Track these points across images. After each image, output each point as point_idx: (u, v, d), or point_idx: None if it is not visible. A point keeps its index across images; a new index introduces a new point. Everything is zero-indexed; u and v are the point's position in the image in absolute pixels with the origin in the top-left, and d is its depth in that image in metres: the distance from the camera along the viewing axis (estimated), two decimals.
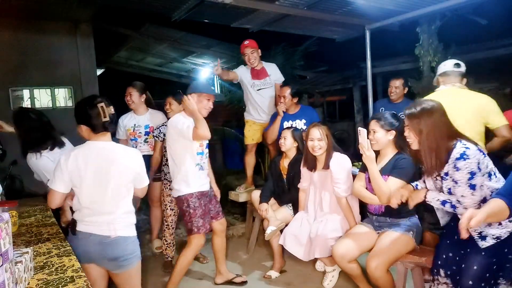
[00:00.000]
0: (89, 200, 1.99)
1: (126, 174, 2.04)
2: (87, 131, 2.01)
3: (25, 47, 6.05)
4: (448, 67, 2.88)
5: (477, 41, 6.23)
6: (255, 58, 3.97)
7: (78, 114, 2.02)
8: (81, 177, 1.96)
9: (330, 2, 3.96)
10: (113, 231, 1.98)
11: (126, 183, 2.04)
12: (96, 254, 1.98)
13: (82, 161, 1.97)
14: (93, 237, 1.98)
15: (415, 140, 2.13)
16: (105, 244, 1.98)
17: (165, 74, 11.64)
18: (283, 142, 3.41)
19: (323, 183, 3.11)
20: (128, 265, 2.03)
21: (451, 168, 2.00)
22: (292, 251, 3.08)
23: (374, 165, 2.43)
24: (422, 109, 2.09)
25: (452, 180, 2.01)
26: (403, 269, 2.54)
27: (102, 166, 1.98)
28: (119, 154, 2.04)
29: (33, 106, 6.26)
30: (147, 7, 4.75)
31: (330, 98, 10.01)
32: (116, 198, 2.01)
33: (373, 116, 2.67)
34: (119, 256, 1.99)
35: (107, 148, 2.03)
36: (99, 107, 1.97)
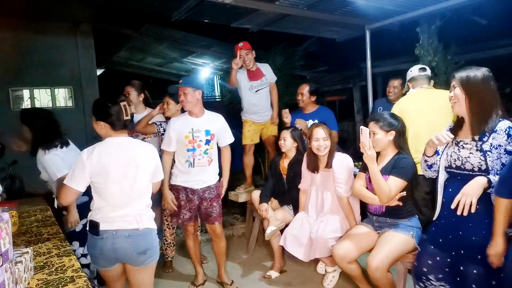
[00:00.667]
0: (115, 195, 1.99)
1: (148, 168, 2.09)
2: (106, 128, 2.03)
3: (25, 47, 6.04)
4: (414, 72, 3.13)
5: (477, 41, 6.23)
6: (250, 59, 3.95)
7: (100, 110, 2.03)
8: (106, 173, 1.96)
9: (330, 2, 3.96)
10: (140, 223, 2.01)
11: (148, 176, 2.10)
12: (125, 250, 1.97)
13: (105, 157, 1.97)
14: (120, 232, 1.97)
15: (462, 102, 2.01)
16: (135, 237, 1.99)
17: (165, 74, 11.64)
18: (282, 143, 3.40)
19: (325, 184, 3.10)
20: (154, 259, 2.08)
21: (503, 138, 1.91)
22: (293, 251, 3.08)
23: (375, 164, 2.43)
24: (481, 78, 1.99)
25: (505, 151, 1.91)
26: (403, 269, 2.54)
27: (126, 160, 2.00)
28: (139, 148, 2.09)
29: (33, 106, 6.25)
30: (147, 7, 4.75)
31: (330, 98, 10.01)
32: (141, 191, 2.06)
33: (372, 118, 2.65)
34: (148, 248, 2.02)
35: (127, 144, 2.06)
36: (122, 105, 2.02)
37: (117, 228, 1.98)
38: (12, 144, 2.90)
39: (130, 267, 2.04)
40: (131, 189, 2.01)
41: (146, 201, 2.09)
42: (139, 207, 2.04)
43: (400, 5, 3.99)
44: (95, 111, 2.06)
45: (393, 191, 2.45)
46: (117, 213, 1.99)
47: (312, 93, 3.75)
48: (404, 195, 2.49)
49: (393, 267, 2.53)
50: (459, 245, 2.02)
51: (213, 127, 2.95)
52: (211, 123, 2.96)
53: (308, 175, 3.24)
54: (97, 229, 1.97)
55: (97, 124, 2.04)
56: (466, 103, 2.00)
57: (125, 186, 1.99)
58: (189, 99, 2.83)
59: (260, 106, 4.11)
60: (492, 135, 1.94)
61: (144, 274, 2.08)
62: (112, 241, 1.96)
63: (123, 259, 2.01)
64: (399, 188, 2.47)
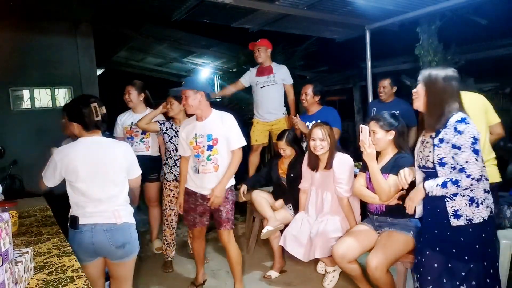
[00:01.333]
0: (89, 193, 2.07)
1: (121, 163, 2.16)
2: (79, 129, 2.12)
3: (25, 47, 6.04)
4: None
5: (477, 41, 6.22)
6: (261, 56, 4.03)
7: (72, 112, 2.14)
8: (77, 172, 2.06)
9: (330, 2, 3.95)
10: (118, 218, 2.09)
11: (121, 173, 2.17)
12: (103, 243, 2.05)
13: (76, 156, 2.07)
14: (99, 226, 2.06)
15: (421, 97, 2.08)
16: (113, 231, 2.07)
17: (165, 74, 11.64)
18: (283, 153, 3.44)
19: (325, 183, 3.10)
20: (133, 253, 2.16)
21: (451, 132, 1.92)
22: (292, 252, 3.07)
23: (374, 162, 2.44)
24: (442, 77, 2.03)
25: (453, 146, 1.92)
26: (403, 269, 2.54)
27: (97, 157, 2.09)
28: (111, 145, 2.18)
29: (33, 106, 6.26)
30: (147, 7, 4.75)
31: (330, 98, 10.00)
32: (116, 188, 2.13)
33: (372, 117, 2.66)
34: (126, 242, 2.10)
35: (98, 143, 2.15)
36: (92, 106, 2.09)
37: (95, 222, 2.07)
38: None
39: (109, 261, 2.14)
40: (104, 186, 2.09)
41: (122, 196, 2.17)
42: (116, 203, 2.12)
43: (400, 5, 3.99)
44: (68, 113, 2.17)
45: (393, 189, 2.46)
46: (94, 209, 2.07)
47: (316, 93, 3.75)
48: (403, 194, 2.49)
49: (393, 267, 2.53)
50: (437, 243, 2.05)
51: (216, 131, 2.76)
52: (214, 127, 2.77)
53: (308, 175, 3.24)
54: (76, 223, 2.07)
55: (71, 124, 2.14)
56: (424, 99, 2.06)
57: (97, 184, 2.08)
58: (190, 102, 2.70)
59: (263, 103, 4.12)
60: (444, 130, 1.96)
61: (123, 269, 2.16)
62: (90, 234, 2.05)
63: (101, 253, 2.10)
64: (397, 186, 2.47)
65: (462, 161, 1.89)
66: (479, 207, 1.93)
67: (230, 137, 2.77)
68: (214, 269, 3.58)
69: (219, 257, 3.87)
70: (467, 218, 1.93)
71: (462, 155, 1.89)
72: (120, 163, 2.15)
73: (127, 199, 2.20)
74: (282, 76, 4.11)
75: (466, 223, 1.94)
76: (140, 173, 2.32)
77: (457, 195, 1.95)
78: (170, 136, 3.46)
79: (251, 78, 4.20)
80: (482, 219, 1.93)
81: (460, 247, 1.96)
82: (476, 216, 1.93)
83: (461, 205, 1.95)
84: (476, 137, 1.90)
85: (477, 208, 1.93)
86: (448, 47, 5.41)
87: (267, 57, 4.08)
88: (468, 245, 1.95)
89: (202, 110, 2.78)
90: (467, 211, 1.94)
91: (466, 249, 1.96)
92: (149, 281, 3.37)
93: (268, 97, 4.11)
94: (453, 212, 1.96)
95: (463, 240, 1.95)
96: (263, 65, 4.12)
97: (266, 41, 4.07)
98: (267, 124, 4.17)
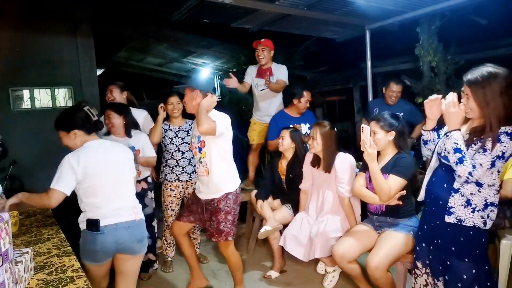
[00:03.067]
0: (108, 193, 2.13)
1: (129, 163, 2.29)
2: (81, 135, 2.15)
3: (25, 47, 6.04)
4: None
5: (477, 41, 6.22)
6: (264, 56, 4.00)
7: (69, 121, 2.14)
8: (97, 174, 2.10)
9: (330, 2, 3.96)
10: (136, 214, 2.22)
11: (129, 171, 2.29)
12: (126, 240, 2.14)
13: (91, 159, 2.11)
14: (120, 225, 2.13)
15: (475, 111, 1.87)
16: (133, 228, 2.18)
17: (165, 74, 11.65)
18: (281, 141, 3.41)
19: (326, 183, 3.10)
20: (146, 246, 2.29)
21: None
22: (293, 252, 3.07)
23: (375, 162, 2.44)
24: (489, 75, 1.87)
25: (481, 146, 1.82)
26: (403, 269, 2.54)
27: (110, 158, 2.18)
28: (117, 146, 2.28)
29: (33, 106, 6.26)
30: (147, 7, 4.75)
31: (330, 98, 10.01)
32: (129, 186, 2.27)
33: (372, 117, 2.66)
34: (143, 237, 2.25)
35: (103, 144, 2.22)
36: (86, 109, 2.17)
37: (116, 221, 2.12)
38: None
39: (124, 256, 2.19)
40: (120, 185, 2.19)
41: (134, 194, 2.31)
42: (132, 200, 2.26)
43: (400, 5, 3.99)
44: (64, 125, 2.15)
45: (393, 189, 2.46)
46: (113, 209, 2.13)
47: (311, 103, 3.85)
48: (404, 194, 2.49)
49: (393, 267, 2.53)
50: (437, 235, 2.03)
51: None
52: None
53: (309, 175, 3.24)
54: (98, 225, 2.07)
55: (69, 135, 2.14)
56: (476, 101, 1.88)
57: (114, 184, 2.16)
58: (186, 100, 2.63)
59: (262, 105, 4.12)
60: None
61: (136, 262, 2.26)
62: (113, 233, 2.10)
63: (123, 250, 2.16)
64: (399, 186, 2.47)
65: (477, 161, 1.80)
66: (474, 213, 1.89)
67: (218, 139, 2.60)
68: (214, 269, 3.58)
69: (219, 257, 3.87)
70: (458, 218, 1.91)
71: (482, 157, 1.80)
72: (128, 163, 2.28)
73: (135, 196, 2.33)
74: (279, 76, 4.09)
75: (455, 222, 1.92)
76: (135, 174, 2.40)
77: (457, 191, 1.92)
78: (170, 138, 3.46)
79: (251, 76, 4.17)
80: (473, 224, 1.89)
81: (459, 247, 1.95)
82: (469, 220, 1.89)
83: (456, 204, 1.92)
84: (503, 155, 1.77)
85: (472, 213, 1.89)
86: (448, 47, 5.41)
87: (269, 58, 4.05)
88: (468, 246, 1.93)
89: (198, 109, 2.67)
90: (460, 211, 1.91)
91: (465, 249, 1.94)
92: (149, 281, 3.37)
93: (266, 100, 4.11)
94: (448, 207, 1.94)
95: (463, 239, 1.94)
96: (263, 67, 4.08)
97: (271, 42, 4.03)
98: (264, 126, 4.18)
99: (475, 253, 1.93)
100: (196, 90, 2.59)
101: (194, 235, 3.73)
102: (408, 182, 2.51)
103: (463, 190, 1.91)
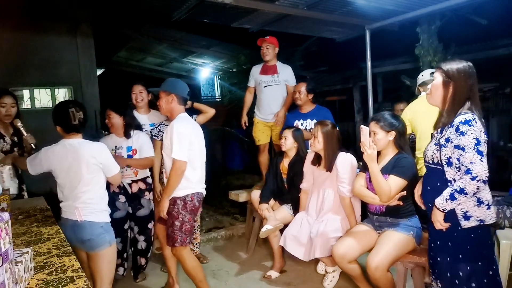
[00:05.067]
0: (64, 189, 2.32)
1: (91, 165, 2.30)
2: (61, 131, 2.34)
3: (25, 47, 6.04)
4: (425, 77, 3.34)
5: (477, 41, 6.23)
6: (269, 53, 3.99)
7: (54, 116, 2.34)
8: (55, 170, 2.31)
9: (330, 2, 3.95)
10: (79, 216, 2.26)
11: (93, 172, 2.31)
12: (72, 236, 2.25)
13: (54, 155, 2.30)
14: (69, 221, 2.30)
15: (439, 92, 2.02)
16: (76, 227, 2.27)
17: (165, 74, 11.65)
18: (283, 142, 3.41)
19: (327, 182, 3.10)
20: (97, 247, 2.27)
21: (453, 133, 1.90)
22: (293, 252, 3.08)
23: (375, 163, 2.44)
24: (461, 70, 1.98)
25: (456, 147, 1.88)
26: (403, 269, 2.53)
27: (70, 159, 2.28)
28: (84, 147, 2.32)
29: (33, 106, 6.26)
30: (147, 7, 4.75)
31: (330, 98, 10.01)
32: (86, 186, 2.29)
33: (373, 118, 2.65)
34: (86, 239, 2.26)
35: (74, 144, 2.32)
36: (70, 111, 2.29)
37: (67, 217, 2.32)
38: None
39: (82, 252, 2.32)
40: (72, 184, 2.28)
41: (89, 194, 2.30)
42: (79, 201, 2.28)
43: (400, 5, 3.99)
44: (53, 117, 2.35)
45: (393, 190, 2.46)
46: (67, 205, 2.31)
47: (310, 91, 3.73)
48: (404, 195, 2.49)
49: (393, 267, 2.53)
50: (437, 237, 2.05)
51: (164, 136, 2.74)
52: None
53: (310, 176, 3.24)
54: (59, 216, 2.38)
55: (56, 127, 2.36)
56: (443, 94, 2.01)
57: (68, 182, 2.29)
58: (161, 103, 2.73)
59: (266, 103, 4.09)
60: (449, 129, 1.94)
61: (95, 259, 2.28)
62: (65, 227, 2.30)
63: (74, 244, 2.23)
64: (399, 187, 2.47)
65: (467, 162, 1.84)
66: (490, 209, 1.90)
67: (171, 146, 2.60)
68: (214, 269, 3.58)
69: (219, 257, 3.87)
70: (478, 219, 1.90)
71: (466, 156, 1.84)
72: (91, 163, 2.29)
73: (95, 196, 2.32)
74: (285, 77, 4.07)
75: (477, 223, 1.91)
76: (117, 171, 2.42)
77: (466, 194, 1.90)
78: None
79: (254, 77, 4.15)
80: (494, 220, 1.91)
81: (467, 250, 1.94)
82: (489, 218, 1.90)
83: (469, 206, 1.91)
84: (479, 139, 1.86)
85: (489, 210, 1.90)
86: (448, 47, 5.41)
87: (274, 55, 4.04)
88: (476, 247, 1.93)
89: (172, 113, 2.72)
90: (476, 212, 1.91)
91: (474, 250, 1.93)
92: (149, 281, 3.37)
93: (270, 97, 4.07)
94: (463, 214, 1.93)
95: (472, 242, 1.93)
96: (268, 64, 4.06)
97: (275, 39, 4.03)
98: (267, 125, 4.16)
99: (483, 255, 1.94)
100: (172, 94, 2.65)
101: (194, 235, 3.73)
102: (409, 182, 2.50)
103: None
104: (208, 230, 4.42)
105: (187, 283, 3.18)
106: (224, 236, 4.36)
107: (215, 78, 11.86)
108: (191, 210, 2.67)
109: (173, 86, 2.71)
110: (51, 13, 5.99)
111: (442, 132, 1.98)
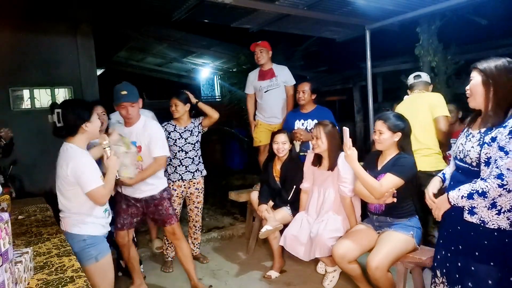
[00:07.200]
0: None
1: (68, 178, 2.12)
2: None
3: (25, 47, 6.03)
4: (410, 80, 3.49)
5: (477, 41, 6.23)
6: (263, 57, 4.02)
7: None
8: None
9: (330, 2, 3.95)
10: (63, 226, 2.24)
11: (69, 186, 2.14)
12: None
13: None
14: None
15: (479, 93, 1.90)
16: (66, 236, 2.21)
17: (165, 74, 11.66)
18: (281, 147, 3.38)
19: (328, 181, 3.10)
20: (82, 262, 2.06)
21: (504, 134, 1.77)
22: (293, 251, 3.08)
23: (356, 163, 2.45)
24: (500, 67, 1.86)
25: (500, 148, 1.76)
26: (403, 269, 2.53)
27: (58, 166, 2.16)
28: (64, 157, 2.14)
29: (33, 106, 6.25)
30: (147, 7, 4.75)
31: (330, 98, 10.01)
32: (65, 199, 2.19)
33: (379, 117, 2.63)
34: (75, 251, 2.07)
35: (63, 151, 2.18)
36: (56, 112, 2.15)
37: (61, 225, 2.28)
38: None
39: None
40: (58, 193, 2.21)
41: (71, 207, 2.18)
42: (63, 212, 2.23)
43: (400, 5, 3.99)
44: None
45: (385, 186, 2.45)
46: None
47: (313, 91, 3.74)
48: (393, 192, 2.48)
49: (393, 267, 2.53)
50: (458, 240, 1.99)
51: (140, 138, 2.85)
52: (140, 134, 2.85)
53: (310, 176, 3.24)
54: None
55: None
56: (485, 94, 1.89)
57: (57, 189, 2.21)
58: (131, 113, 2.81)
59: (268, 107, 4.12)
60: (499, 129, 1.82)
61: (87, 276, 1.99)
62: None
63: None
64: (393, 185, 2.46)
65: (504, 167, 1.73)
66: (499, 215, 1.82)
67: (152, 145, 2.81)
68: (214, 269, 3.58)
69: (219, 257, 3.87)
70: (481, 219, 1.85)
71: (506, 160, 1.73)
72: (66, 177, 2.11)
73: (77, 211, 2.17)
74: (284, 78, 4.09)
75: (478, 222, 1.86)
76: (92, 188, 2.09)
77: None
78: (174, 139, 3.46)
79: (253, 84, 4.17)
80: (498, 226, 1.82)
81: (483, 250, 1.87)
82: (493, 222, 1.83)
83: (480, 205, 1.86)
84: None
85: (497, 215, 1.82)
86: (448, 47, 5.41)
87: (268, 59, 4.07)
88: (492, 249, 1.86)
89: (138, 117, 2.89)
90: (483, 212, 1.85)
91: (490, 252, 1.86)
92: (149, 281, 3.37)
93: (272, 101, 4.10)
94: (469, 207, 1.88)
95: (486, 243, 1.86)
96: (264, 68, 4.09)
97: (267, 44, 4.05)
98: (269, 127, 4.17)
99: (499, 256, 1.84)
100: (139, 100, 2.82)
101: (195, 235, 3.73)
102: (409, 182, 2.50)
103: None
104: (208, 230, 4.42)
105: (187, 283, 3.19)
106: (224, 236, 4.37)
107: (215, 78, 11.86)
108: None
109: (135, 94, 2.83)
110: (51, 13, 5.98)
111: (488, 132, 1.86)
